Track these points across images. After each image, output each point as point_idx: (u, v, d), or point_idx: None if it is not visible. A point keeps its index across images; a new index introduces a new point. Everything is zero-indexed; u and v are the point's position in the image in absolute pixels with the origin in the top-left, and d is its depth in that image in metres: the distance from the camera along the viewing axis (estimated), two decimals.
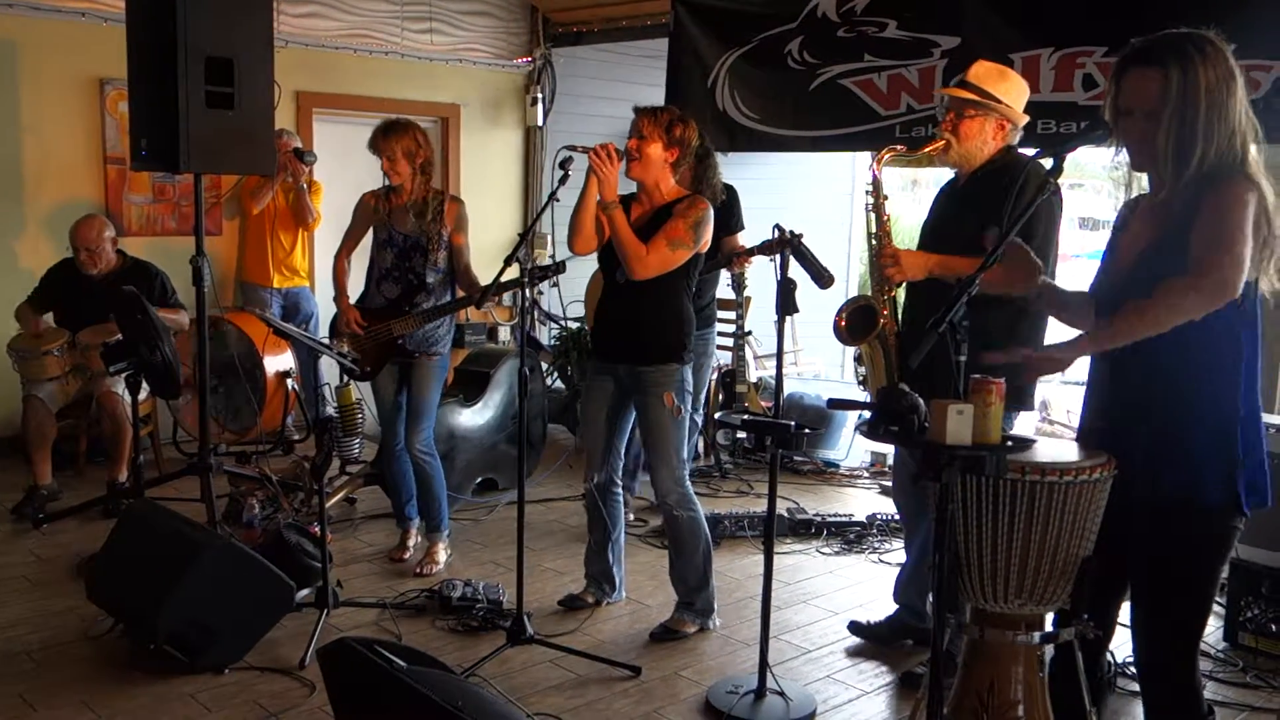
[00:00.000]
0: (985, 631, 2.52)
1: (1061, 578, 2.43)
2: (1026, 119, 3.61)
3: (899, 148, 3.72)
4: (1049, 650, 2.57)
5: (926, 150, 3.63)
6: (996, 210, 3.40)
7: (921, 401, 2.22)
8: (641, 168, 3.89)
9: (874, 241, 3.59)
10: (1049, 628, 2.54)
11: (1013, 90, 3.55)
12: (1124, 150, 2.44)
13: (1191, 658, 2.50)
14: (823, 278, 3.52)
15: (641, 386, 3.97)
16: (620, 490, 4.30)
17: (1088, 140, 2.41)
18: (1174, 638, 2.48)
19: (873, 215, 3.60)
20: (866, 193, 3.63)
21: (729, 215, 5.00)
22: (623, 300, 3.96)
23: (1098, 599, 2.57)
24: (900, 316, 3.68)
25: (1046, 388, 7.07)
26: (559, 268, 4.05)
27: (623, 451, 4.25)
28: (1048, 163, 2.37)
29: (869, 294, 3.69)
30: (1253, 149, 2.36)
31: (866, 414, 4.65)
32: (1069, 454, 2.47)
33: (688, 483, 4.09)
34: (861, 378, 3.76)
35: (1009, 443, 2.32)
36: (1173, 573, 2.44)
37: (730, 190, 5.02)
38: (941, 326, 2.23)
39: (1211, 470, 2.37)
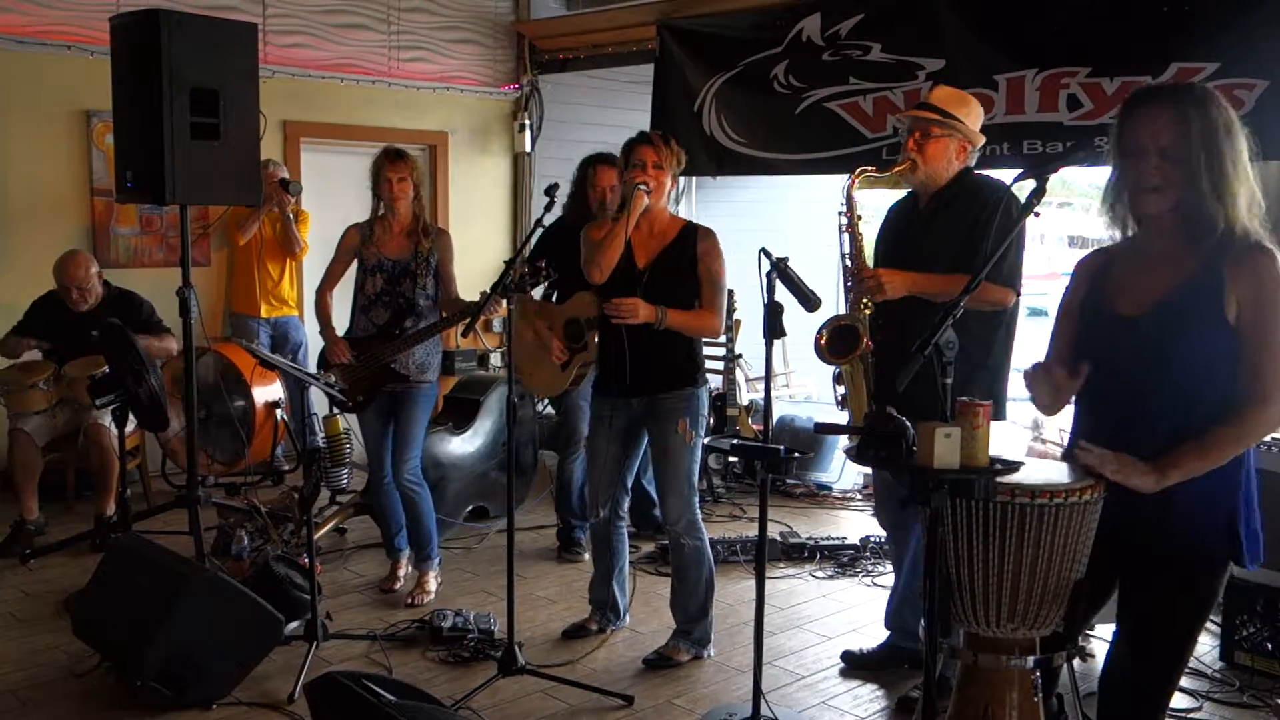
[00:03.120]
0: (979, 656, 2.50)
1: (1054, 601, 2.41)
2: (984, 140, 3.71)
3: (870, 169, 3.77)
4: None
5: (894, 171, 3.69)
6: (964, 230, 3.51)
7: (909, 425, 2.21)
8: (656, 198, 3.93)
9: (848, 262, 3.66)
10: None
11: (972, 114, 3.66)
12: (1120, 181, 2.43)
13: (1167, 696, 2.49)
14: (809, 301, 3.50)
15: (657, 414, 3.98)
16: (624, 522, 4.29)
17: (1071, 161, 2.44)
18: (1153, 676, 2.46)
19: (846, 236, 3.66)
20: (840, 214, 3.71)
21: None
22: (638, 333, 3.90)
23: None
24: (871, 336, 3.73)
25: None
26: (548, 271, 4.01)
27: (629, 484, 4.23)
28: (1031, 183, 2.36)
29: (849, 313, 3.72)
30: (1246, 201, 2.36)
31: (830, 434, 4.68)
32: (1059, 475, 2.45)
33: (697, 510, 4.08)
34: (841, 397, 3.79)
35: (997, 465, 2.30)
36: (1164, 612, 2.41)
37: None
38: (927, 350, 2.22)
39: (1214, 516, 2.35)
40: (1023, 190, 2.47)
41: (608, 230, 3.96)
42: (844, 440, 6.53)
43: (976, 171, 3.75)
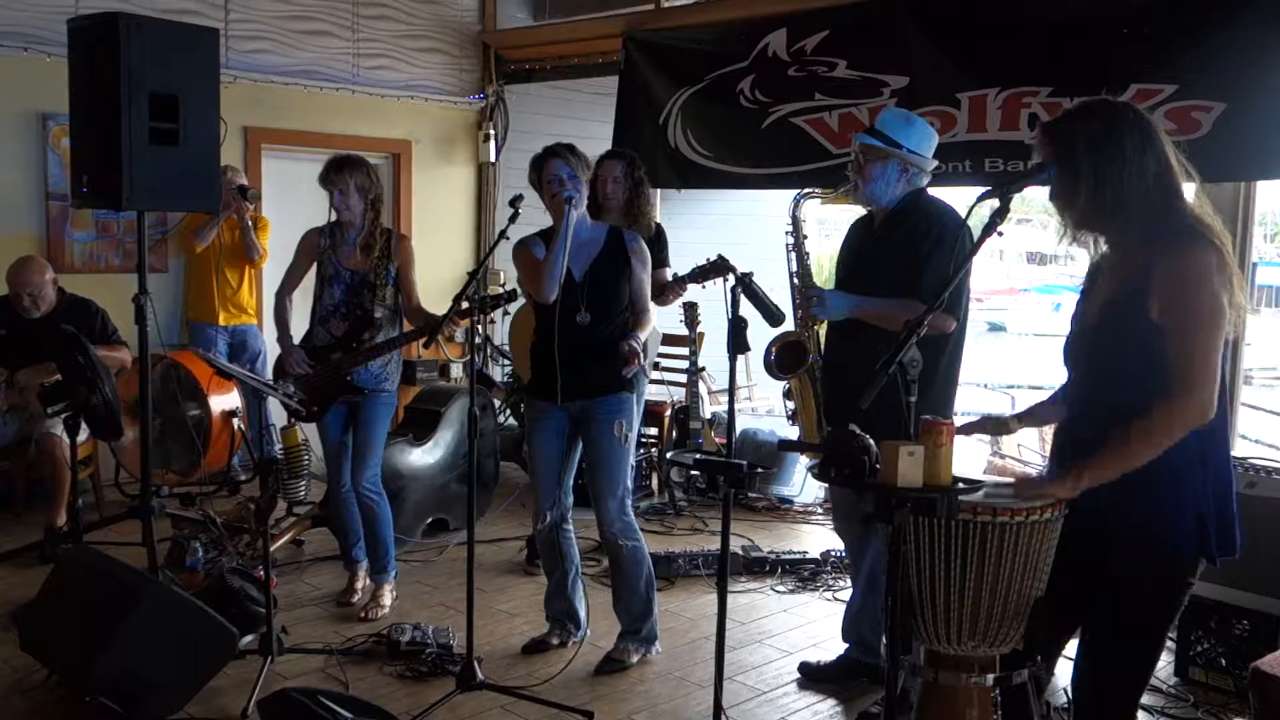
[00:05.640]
0: (939, 674, 2.50)
1: (1015, 618, 2.42)
2: (935, 163, 3.76)
3: (816, 192, 3.83)
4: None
5: (840, 192, 3.79)
6: (908, 253, 3.57)
7: (873, 443, 2.20)
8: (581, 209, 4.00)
9: (795, 280, 3.71)
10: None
11: (915, 135, 3.70)
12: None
13: (1133, 706, 2.50)
14: (774, 315, 3.51)
15: (593, 417, 4.02)
16: (571, 527, 4.28)
17: (1034, 180, 2.42)
18: (1119, 685, 2.47)
19: (793, 255, 3.70)
20: (787, 233, 3.75)
21: (658, 249, 4.99)
22: (578, 339, 3.95)
23: (1049, 638, 2.56)
24: (822, 354, 3.76)
25: None
26: (510, 295, 4.05)
27: (571, 488, 4.24)
28: (994, 202, 2.37)
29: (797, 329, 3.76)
30: (1189, 188, 2.39)
31: (791, 452, 4.71)
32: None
33: (631, 512, 4.15)
34: (791, 412, 3.82)
35: (960, 484, 2.30)
36: (1125, 618, 2.42)
37: (659, 225, 5.12)
38: (891, 368, 2.22)
39: (1178, 520, 2.36)
40: (980, 210, 2.49)
41: (548, 254, 3.94)
42: (804, 458, 6.56)
43: (935, 195, 3.78)
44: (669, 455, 3.75)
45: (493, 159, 8.13)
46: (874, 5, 5.82)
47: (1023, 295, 27.08)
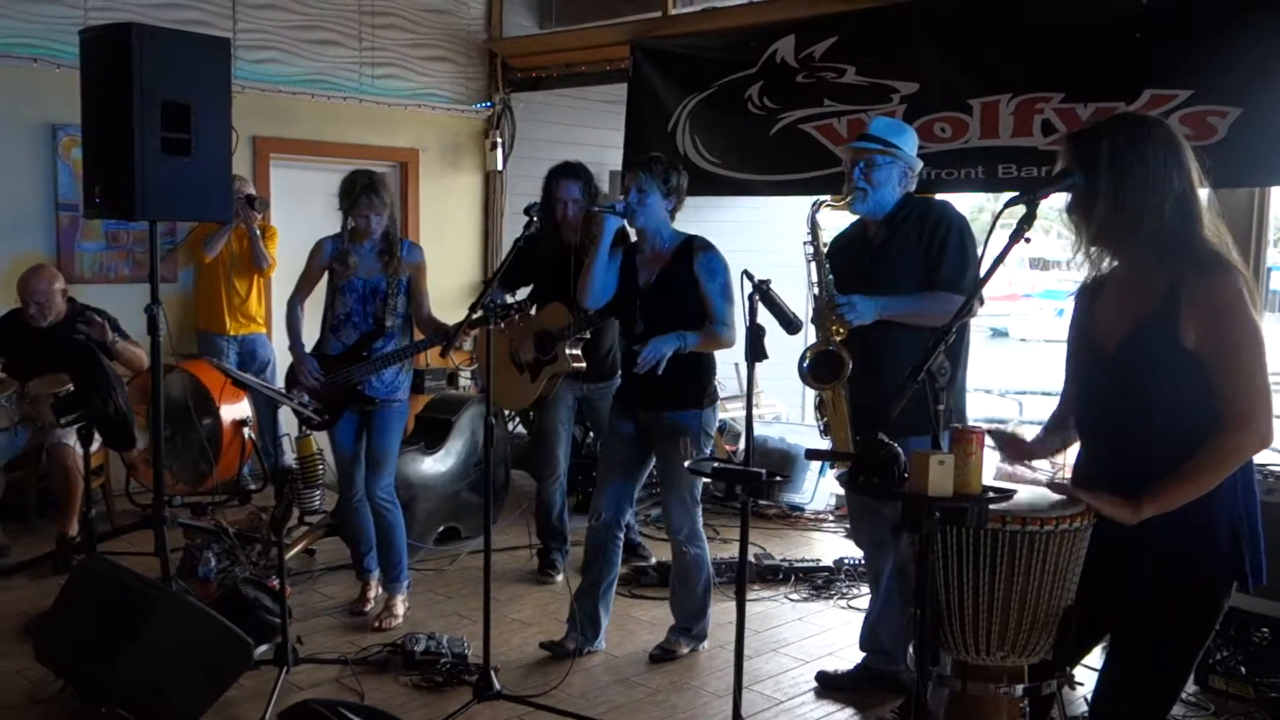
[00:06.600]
0: (967, 684, 2.48)
1: (1044, 629, 2.39)
2: (921, 165, 3.82)
3: (829, 198, 3.82)
4: None
5: (846, 200, 3.75)
6: (919, 251, 3.61)
7: (901, 452, 2.19)
8: (641, 219, 4.07)
9: (817, 290, 3.69)
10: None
11: (908, 141, 3.76)
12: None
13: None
14: (791, 323, 3.50)
15: (661, 430, 4.10)
16: (622, 536, 4.35)
17: (1060, 186, 2.40)
18: (1148, 703, 2.43)
19: (813, 264, 3.69)
20: (805, 242, 3.72)
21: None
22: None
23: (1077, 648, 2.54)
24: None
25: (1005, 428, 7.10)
26: (522, 305, 4.05)
27: (634, 497, 4.37)
28: (1021, 208, 2.35)
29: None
30: (1206, 212, 2.36)
31: (834, 463, 4.69)
32: (1048, 502, 2.43)
33: (699, 520, 4.23)
34: (823, 424, 3.77)
35: (990, 493, 2.28)
36: (1161, 637, 2.39)
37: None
38: (920, 375, 2.21)
39: (1215, 539, 2.33)
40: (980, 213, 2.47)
41: (585, 264, 4.13)
42: (814, 464, 6.53)
43: (918, 195, 3.83)
44: (686, 464, 3.73)
45: (500, 167, 8.12)
46: (883, 12, 5.80)
47: (1025, 301, 27.02)
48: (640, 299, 4.10)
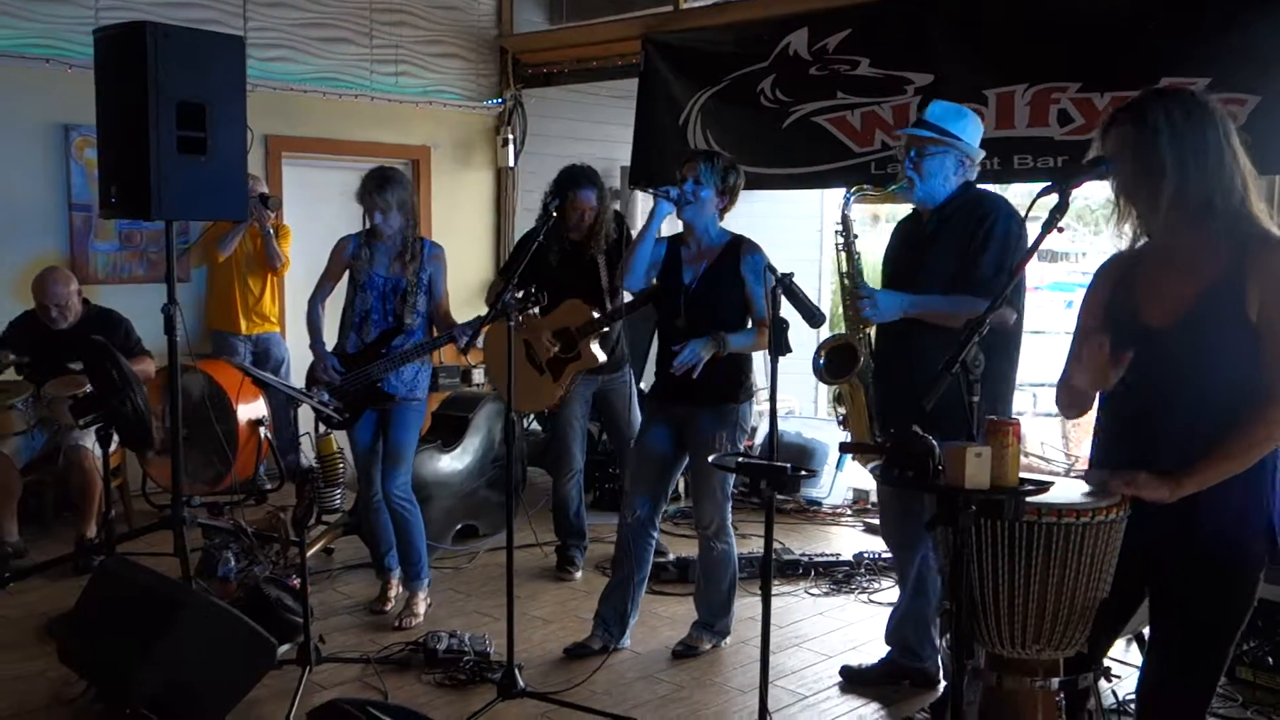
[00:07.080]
0: (1002, 678, 2.46)
1: (1080, 621, 2.38)
2: (983, 154, 3.67)
3: (866, 187, 3.77)
4: None
5: (892, 189, 3.67)
6: (962, 246, 3.48)
7: (937, 445, 2.17)
8: (693, 212, 4.06)
9: (846, 281, 3.60)
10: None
11: (969, 128, 3.62)
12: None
13: (1203, 713, 2.46)
14: (814, 316, 3.47)
15: (696, 426, 4.09)
16: (655, 535, 4.35)
17: (1092, 175, 2.38)
18: (1190, 691, 2.42)
19: (843, 255, 3.61)
20: (836, 232, 3.66)
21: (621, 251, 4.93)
22: (678, 345, 4.01)
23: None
24: (874, 355, 3.68)
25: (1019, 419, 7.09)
26: (539, 298, 4.00)
27: (669, 494, 4.36)
28: (1054, 198, 2.33)
29: (846, 332, 3.68)
30: (1255, 193, 2.34)
31: (853, 454, 4.68)
32: (1081, 494, 2.42)
33: (729, 516, 4.22)
34: (841, 417, 3.75)
35: (1027, 485, 2.26)
36: (1201, 622, 2.37)
37: (619, 218, 5.20)
38: (954, 367, 2.19)
39: (1253, 522, 2.32)
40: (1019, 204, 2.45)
41: (631, 243, 4.17)
42: (832, 458, 6.52)
43: (984, 187, 3.71)
44: (710, 459, 3.70)
45: (511, 163, 8.10)
46: (898, 3, 5.77)
47: (1035, 294, 27.01)
48: (684, 294, 4.09)
